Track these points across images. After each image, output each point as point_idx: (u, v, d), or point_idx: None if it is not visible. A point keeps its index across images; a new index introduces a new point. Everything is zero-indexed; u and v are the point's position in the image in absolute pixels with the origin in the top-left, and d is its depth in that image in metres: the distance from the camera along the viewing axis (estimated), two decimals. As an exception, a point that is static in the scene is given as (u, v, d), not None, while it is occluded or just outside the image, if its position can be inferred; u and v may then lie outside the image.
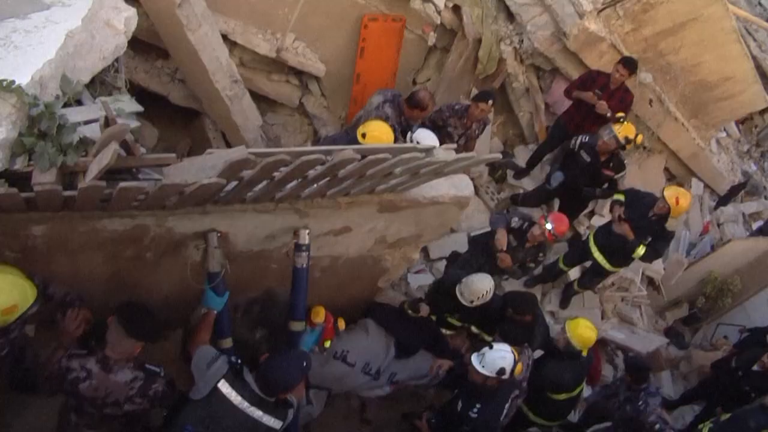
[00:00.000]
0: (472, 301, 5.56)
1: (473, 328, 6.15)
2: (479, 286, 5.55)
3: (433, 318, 6.01)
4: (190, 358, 4.11)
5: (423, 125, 6.60)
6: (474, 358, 5.10)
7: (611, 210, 7.06)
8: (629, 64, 7.29)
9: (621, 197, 7.02)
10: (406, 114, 6.17)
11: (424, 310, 5.76)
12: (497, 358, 5.03)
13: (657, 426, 6.17)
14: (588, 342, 5.89)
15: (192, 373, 4.02)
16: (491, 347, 5.10)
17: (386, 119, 5.81)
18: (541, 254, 6.49)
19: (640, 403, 6.26)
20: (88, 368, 3.75)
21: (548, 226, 6.12)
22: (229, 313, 4.49)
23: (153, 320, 3.89)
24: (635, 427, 6.32)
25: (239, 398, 3.85)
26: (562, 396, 6.12)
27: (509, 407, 5.35)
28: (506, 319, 5.74)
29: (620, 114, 7.07)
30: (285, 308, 4.73)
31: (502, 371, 4.98)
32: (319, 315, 5.06)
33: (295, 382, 4.03)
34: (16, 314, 3.40)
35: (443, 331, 6.09)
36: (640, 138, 7.09)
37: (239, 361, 4.03)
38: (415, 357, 5.89)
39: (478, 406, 5.17)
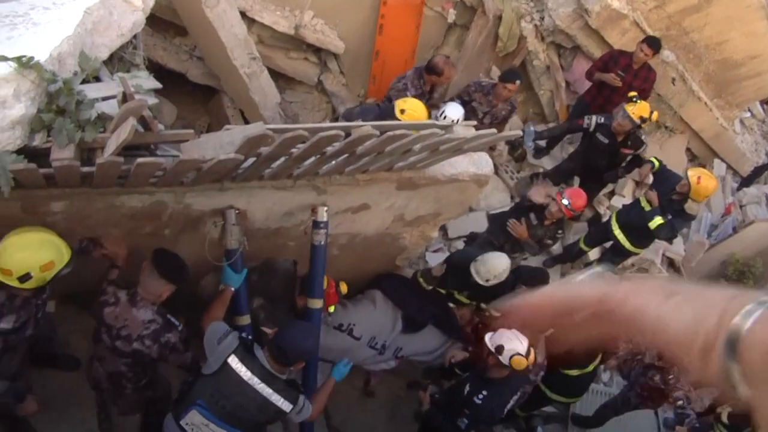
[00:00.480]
0: (488, 280, 5.52)
1: (482, 305, 6.10)
2: (496, 265, 5.50)
3: (443, 292, 6.00)
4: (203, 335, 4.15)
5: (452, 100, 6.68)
6: (487, 337, 5.09)
7: (642, 168, 6.99)
8: (653, 44, 7.18)
9: (655, 161, 6.98)
10: (426, 81, 6.33)
11: (438, 270, 5.70)
12: (504, 336, 4.98)
13: (680, 402, 6.21)
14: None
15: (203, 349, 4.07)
16: (512, 330, 5.03)
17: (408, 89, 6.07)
18: (559, 231, 6.42)
19: (671, 375, 6.25)
20: (118, 296, 3.98)
21: (564, 201, 6.05)
22: (246, 290, 4.50)
23: (184, 266, 4.03)
24: (657, 395, 6.37)
25: (249, 374, 3.89)
26: (574, 372, 6.10)
27: (516, 400, 5.24)
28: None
29: (633, 94, 6.95)
30: (283, 277, 4.75)
31: (499, 348, 4.91)
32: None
33: (310, 351, 4.14)
34: (53, 271, 3.52)
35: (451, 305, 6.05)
36: (655, 115, 6.99)
37: (250, 337, 4.09)
38: (422, 332, 5.82)
39: (484, 392, 5.11)
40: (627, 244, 7.21)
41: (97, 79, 3.65)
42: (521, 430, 7.14)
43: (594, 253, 7.95)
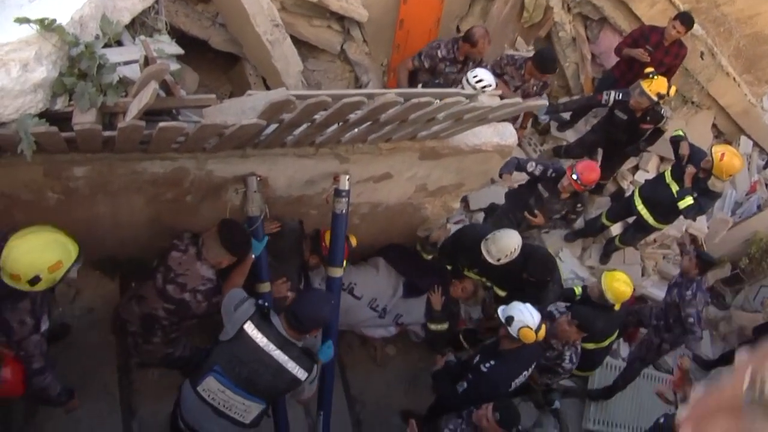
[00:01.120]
0: (499, 259, 5.40)
1: (488, 282, 6.02)
2: (508, 244, 5.38)
3: (449, 268, 5.93)
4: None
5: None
6: (500, 309, 5.08)
7: (680, 148, 6.75)
8: (686, 21, 7.01)
9: (681, 133, 6.83)
10: (460, 48, 6.29)
11: (435, 236, 5.63)
12: (515, 309, 4.97)
13: (690, 320, 6.21)
14: (621, 296, 5.75)
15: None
16: (524, 303, 5.02)
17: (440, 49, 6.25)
18: (579, 205, 6.28)
19: (689, 292, 6.28)
20: (188, 247, 4.12)
21: (574, 176, 5.89)
22: (267, 257, 4.50)
23: (246, 240, 4.12)
24: (672, 313, 6.42)
25: (264, 340, 3.90)
26: (590, 345, 6.06)
27: (523, 378, 5.16)
28: (521, 280, 5.60)
29: (649, 69, 6.78)
30: (290, 237, 4.76)
31: (509, 320, 4.90)
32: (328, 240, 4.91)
33: (326, 318, 4.14)
34: (62, 271, 3.40)
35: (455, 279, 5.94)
36: (673, 90, 6.79)
37: (267, 304, 4.07)
38: (423, 299, 5.77)
39: (492, 362, 5.09)
40: (650, 220, 7.12)
41: (119, 43, 3.64)
42: (539, 403, 7.15)
43: (616, 228, 7.87)
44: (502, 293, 5.91)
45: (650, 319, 6.76)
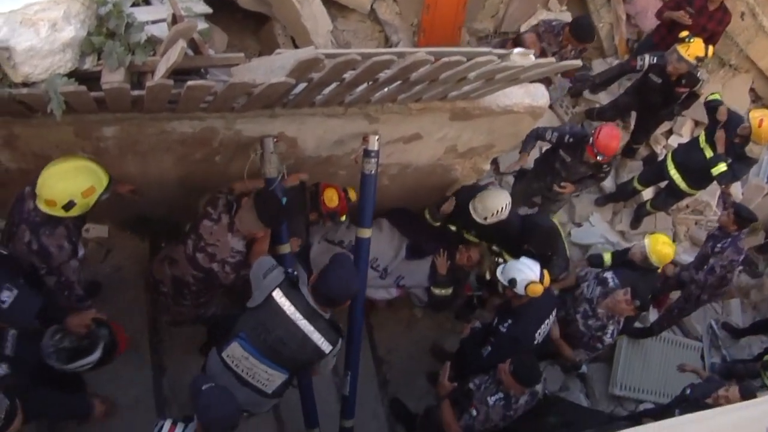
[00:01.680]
0: (485, 218, 5.27)
1: (494, 247, 5.91)
2: (493, 202, 5.25)
3: (453, 228, 5.83)
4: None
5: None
6: (500, 266, 5.08)
7: (716, 111, 6.57)
8: None
9: (718, 96, 6.71)
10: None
11: (447, 206, 5.49)
12: (514, 268, 4.93)
13: (706, 267, 6.37)
14: (666, 258, 5.78)
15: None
16: (520, 260, 5.02)
17: None
18: (605, 166, 6.09)
19: (719, 245, 6.31)
20: (221, 216, 4.08)
21: (599, 157, 5.72)
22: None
23: (282, 214, 4.08)
24: (703, 264, 6.47)
25: (292, 308, 3.87)
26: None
27: (546, 327, 5.17)
28: (524, 250, 5.43)
29: (684, 33, 6.58)
30: (292, 195, 4.54)
31: (512, 282, 4.87)
32: (333, 200, 4.83)
33: (355, 291, 4.11)
34: (94, 196, 3.57)
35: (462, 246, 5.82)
36: (711, 51, 6.58)
37: (296, 273, 4.05)
38: (425, 262, 5.68)
39: (509, 321, 5.09)
40: (683, 185, 7.00)
41: (147, 2, 3.62)
42: (566, 368, 7.14)
43: (648, 193, 7.75)
44: (509, 257, 5.73)
45: (692, 272, 6.67)
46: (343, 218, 5.05)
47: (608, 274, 5.62)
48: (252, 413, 4.26)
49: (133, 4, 3.46)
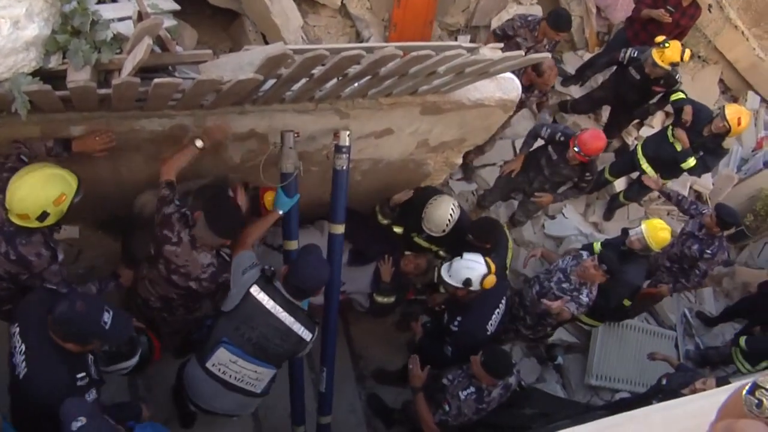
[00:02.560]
0: (443, 231, 5.28)
1: (441, 252, 5.80)
2: (440, 216, 5.22)
3: (398, 231, 5.74)
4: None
5: (495, 34, 6.63)
6: (443, 268, 5.02)
7: (682, 111, 6.66)
8: None
9: (683, 95, 6.76)
10: (525, 75, 6.24)
11: (399, 198, 5.41)
12: (463, 267, 4.91)
13: (697, 271, 6.40)
14: (664, 242, 5.86)
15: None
16: (461, 257, 4.97)
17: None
18: (587, 174, 6.09)
19: (709, 250, 6.31)
20: (180, 236, 3.88)
21: (576, 149, 5.73)
22: (298, 215, 4.50)
23: (235, 221, 3.96)
24: (686, 261, 6.48)
25: (272, 302, 3.91)
26: (627, 303, 6.25)
27: (497, 317, 5.16)
28: (465, 242, 5.40)
29: (660, 38, 6.58)
30: (255, 203, 4.53)
31: (467, 282, 4.84)
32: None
33: (325, 279, 4.12)
34: (66, 203, 3.48)
35: (407, 253, 5.63)
36: (687, 55, 6.60)
37: (272, 268, 4.08)
38: (368, 269, 5.53)
39: (459, 318, 5.10)
40: (655, 177, 7.08)
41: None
42: (542, 359, 7.20)
43: (620, 183, 7.84)
44: (444, 254, 5.76)
45: (662, 259, 6.74)
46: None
47: (584, 253, 5.73)
48: (239, 415, 4.26)
49: (99, 2, 3.40)
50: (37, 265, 3.59)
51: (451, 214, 5.22)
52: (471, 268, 4.89)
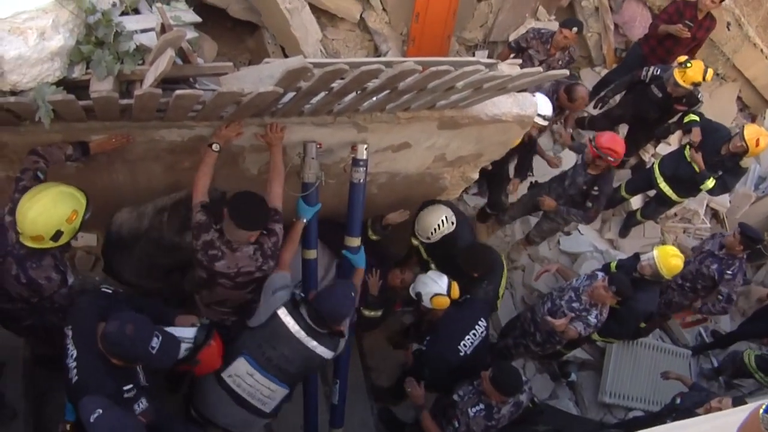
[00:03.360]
0: (428, 237, 5.27)
1: (432, 266, 5.69)
2: (429, 221, 5.22)
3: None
4: None
5: (510, 47, 6.66)
6: (411, 288, 5.11)
7: (690, 133, 6.64)
8: None
9: (696, 118, 6.69)
10: (560, 100, 6.31)
11: (393, 218, 5.25)
12: (421, 281, 4.99)
13: (720, 297, 6.26)
14: (675, 270, 5.77)
15: None
16: (428, 271, 5.05)
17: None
18: (595, 188, 6.05)
19: (730, 271, 6.21)
20: (222, 249, 3.83)
21: (600, 155, 5.75)
22: (317, 224, 4.52)
23: (260, 210, 3.85)
24: (702, 281, 6.38)
25: (297, 326, 3.90)
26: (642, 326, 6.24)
27: (474, 339, 5.05)
28: (456, 265, 5.35)
29: (683, 58, 6.57)
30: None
31: (418, 295, 4.96)
32: None
33: (347, 314, 4.08)
34: (79, 220, 3.46)
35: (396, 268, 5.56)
36: (710, 75, 6.56)
37: (302, 294, 4.09)
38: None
39: (428, 338, 5.11)
40: (673, 196, 7.05)
41: (136, 11, 3.62)
42: (555, 375, 7.16)
43: (636, 201, 7.81)
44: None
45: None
46: None
47: (600, 273, 5.70)
48: None
49: (122, 13, 3.47)
50: (47, 289, 3.56)
51: (440, 224, 5.21)
52: (426, 284, 4.97)
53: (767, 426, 1.71)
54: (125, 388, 3.39)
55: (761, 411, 1.77)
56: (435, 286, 4.95)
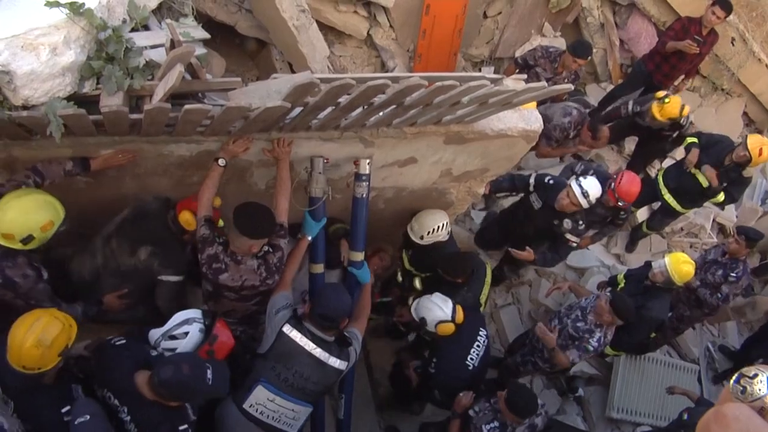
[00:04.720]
0: (422, 237, 5.28)
1: (416, 283, 5.79)
2: (429, 220, 5.25)
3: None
4: None
5: (516, 63, 6.73)
6: (415, 300, 5.09)
7: (688, 154, 6.72)
8: (725, 6, 6.88)
9: (694, 140, 6.74)
10: (581, 134, 6.57)
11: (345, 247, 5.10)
12: (425, 306, 4.98)
13: (719, 295, 6.44)
14: (687, 276, 5.82)
15: None
16: (432, 294, 5.02)
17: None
18: (623, 213, 6.13)
19: (734, 274, 6.33)
20: (226, 262, 3.91)
21: (620, 203, 5.80)
22: (324, 239, 4.55)
23: (265, 219, 3.87)
24: (716, 291, 6.47)
25: (304, 339, 3.92)
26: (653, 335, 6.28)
27: (479, 350, 5.08)
28: (438, 274, 5.41)
29: (660, 94, 6.64)
30: (157, 218, 4.26)
31: (423, 321, 4.94)
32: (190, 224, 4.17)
33: (347, 304, 4.12)
34: (52, 230, 3.54)
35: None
36: (686, 110, 6.64)
37: (301, 311, 4.14)
38: (332, 275, 5.19)
39: (434, 360, 5.11)
40: (678, 207, 7.07)
41: (146, 27, 3.68)
42: (562, 391, 7.14)
43: (641, 214, 7.81)
44: (419, 287, 5.78)
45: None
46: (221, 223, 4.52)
47: (605, 294, 5.66)
48: None
49: (133, 30, 3.52)
50: (23, 285, 3.63)
51: (437, 227, 5.26)
52: (431, 309, 4.95)
53: (736, 394, 2.08)
54: (180, 428, 3.47)
55: (731, 381, 2.09)
56: (440, 313, 4.92)
